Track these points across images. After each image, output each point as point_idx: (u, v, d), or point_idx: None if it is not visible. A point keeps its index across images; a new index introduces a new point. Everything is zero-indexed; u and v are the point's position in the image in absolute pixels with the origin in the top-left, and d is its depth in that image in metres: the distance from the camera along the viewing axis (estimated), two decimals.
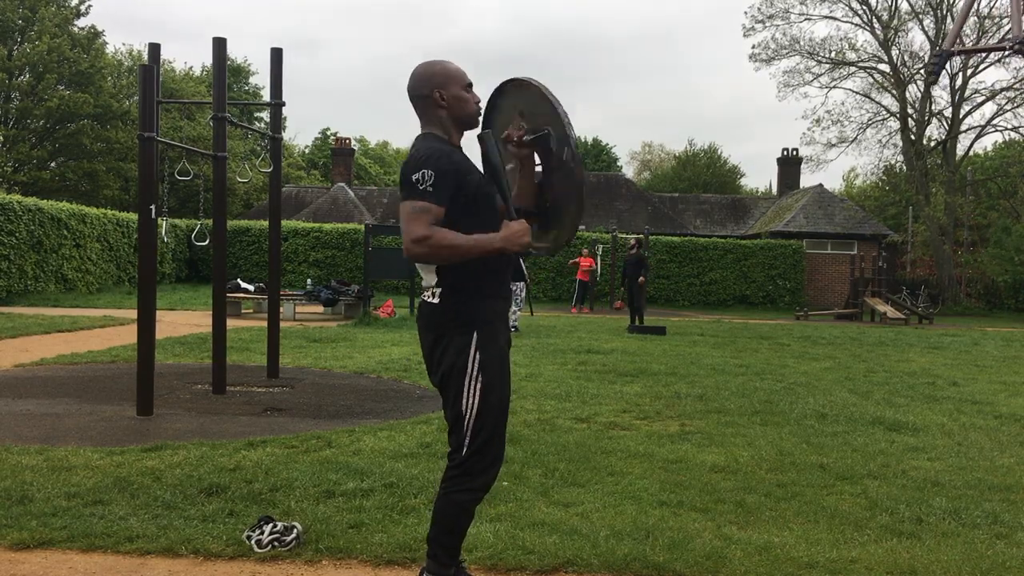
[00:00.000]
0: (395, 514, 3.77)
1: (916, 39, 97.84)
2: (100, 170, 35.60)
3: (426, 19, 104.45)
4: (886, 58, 32.41)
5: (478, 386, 2.69)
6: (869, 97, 34.32)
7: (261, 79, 51.42)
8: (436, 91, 2.75)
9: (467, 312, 2.70)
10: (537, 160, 2.97)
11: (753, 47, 53.31)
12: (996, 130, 33.32)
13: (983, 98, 32.58)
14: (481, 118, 2.89)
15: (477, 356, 2.69)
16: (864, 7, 32.93)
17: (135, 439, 5.23)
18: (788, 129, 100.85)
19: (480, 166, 2.81)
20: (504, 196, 2.76)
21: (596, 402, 7.02)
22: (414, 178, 2.56)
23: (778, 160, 37.13)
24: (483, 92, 2.91)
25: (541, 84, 2.85)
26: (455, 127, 2.79)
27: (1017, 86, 31.53)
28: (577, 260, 22.69)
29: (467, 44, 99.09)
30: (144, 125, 6.19)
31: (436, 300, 2.71)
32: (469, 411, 2.69)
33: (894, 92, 32.74)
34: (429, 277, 2.74)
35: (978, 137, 34.26)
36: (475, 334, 2.69)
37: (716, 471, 4.79)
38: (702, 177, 50.64)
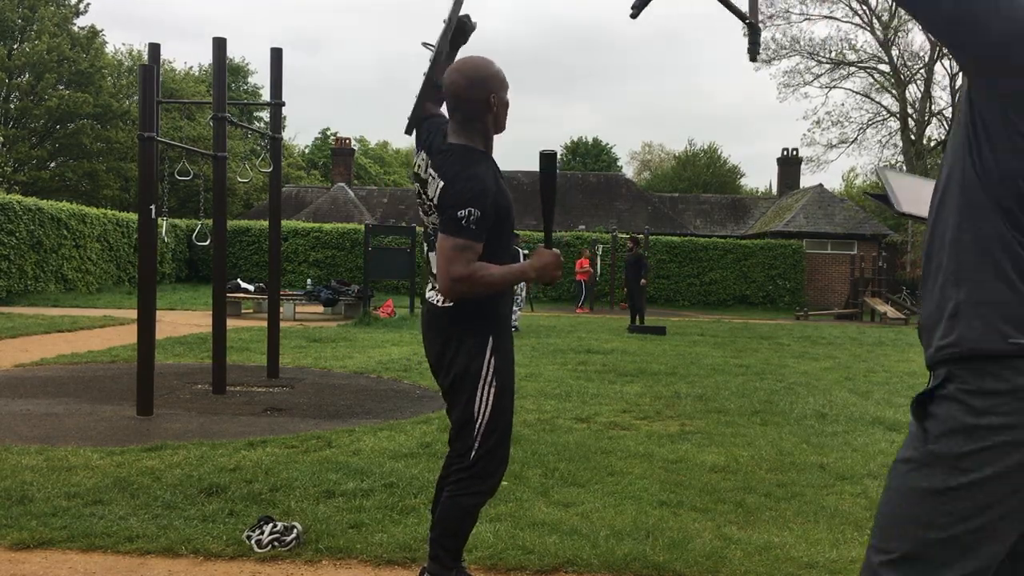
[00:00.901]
0: (395, 514, 3.77)
1: (916, 39, 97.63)
2: (100, 170, 35.62)
3: (427, 18, 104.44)
4: (886, 58, 32.45)
5: (492, 390, 2.67)
6: (869, 97, 34.39)
7: (261, 79, 51.49)
8: (493, 95, 2.61)
9: (483, 316, 2.67)
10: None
11: None
12: None
13: None
14: None
15: (493, 360, 2.67)
16: (864, 7, 32.99)
17: (135, 439, 5.23)
18: (788, 129, 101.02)
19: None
20: (547, 227, 2.69)
21: (596, 402, 7.02)
22: (459, 215, 2.49)
23: (778, 160, 37.14)
24: None
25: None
26: (492, 134, 2.70)
27: None
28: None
29: (470, 43, 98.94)
30: (144, 125, 6.19)
31: (448, 304, 2.66)
32: (481, 415, 2.67)
33: (894, 92, 32.79)
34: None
35: None
36: (491, 337, 2.68)
37: (716, 471, 4.79)
38: (702, 177, 50.64)
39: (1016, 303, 1.50)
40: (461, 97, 2.60)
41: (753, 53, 2.53)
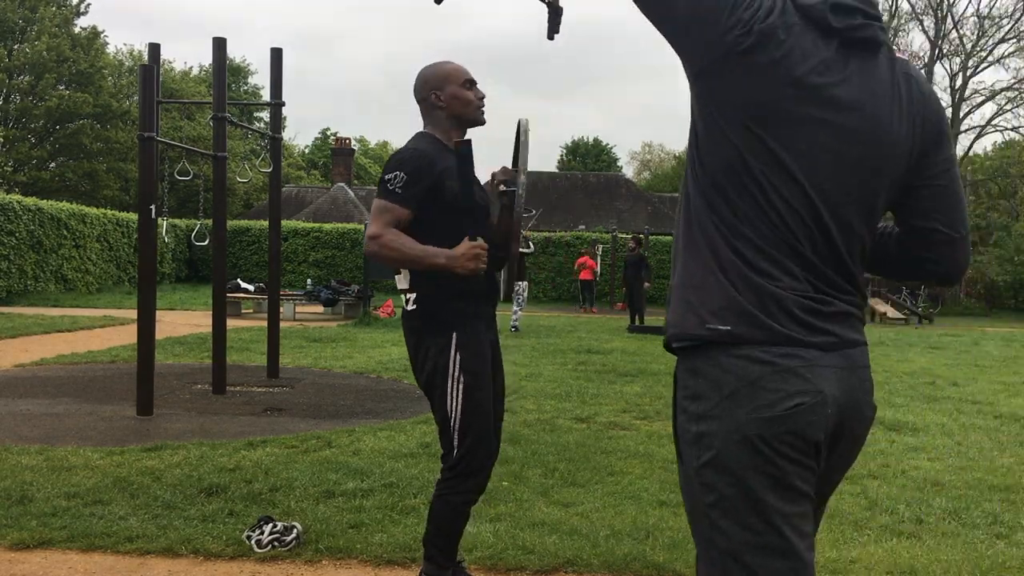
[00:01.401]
0: (395, 514, 3.77)
1: (916, 39, 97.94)
2: (100, 170, 35.60)
3: (428, 17, 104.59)
4: None
5: (461, 387, 2.68)
6: None
7: (260, 79, 51.49)
8: (433, 93, 2.78)
9: (443, 314, 2.70)
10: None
11: None
12: (996, 130, 33.41)
13: (983, 98, 32.64)
14: (483, 115, 2.86)
15: (458, 357, 2.69)
16: None
17: (135, 439, 5.23)
18: None
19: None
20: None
21: (596, 402, 7.02)
22: (386, 177, 2.62)
23: None
24: (489, 91, 2.90)
25: (524, 139, 2.80)
26: (456, 126, 2.79)
27: (1017, 86, 31.56)
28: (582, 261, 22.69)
29: (474, 42, 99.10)
30: (144, 125, 6.20)
31: (413, 306, 2.73)
32: (454, 413, 2.69)
33: None
34: (402, 282, 2.76)
35: (978, 137, 34.35)
36: (454, 335, 2.69)
37: None
38: None
39: (715, 287, 1.43)
40: (415, 97, 2.86)
41: (551, 33, 2.62)
